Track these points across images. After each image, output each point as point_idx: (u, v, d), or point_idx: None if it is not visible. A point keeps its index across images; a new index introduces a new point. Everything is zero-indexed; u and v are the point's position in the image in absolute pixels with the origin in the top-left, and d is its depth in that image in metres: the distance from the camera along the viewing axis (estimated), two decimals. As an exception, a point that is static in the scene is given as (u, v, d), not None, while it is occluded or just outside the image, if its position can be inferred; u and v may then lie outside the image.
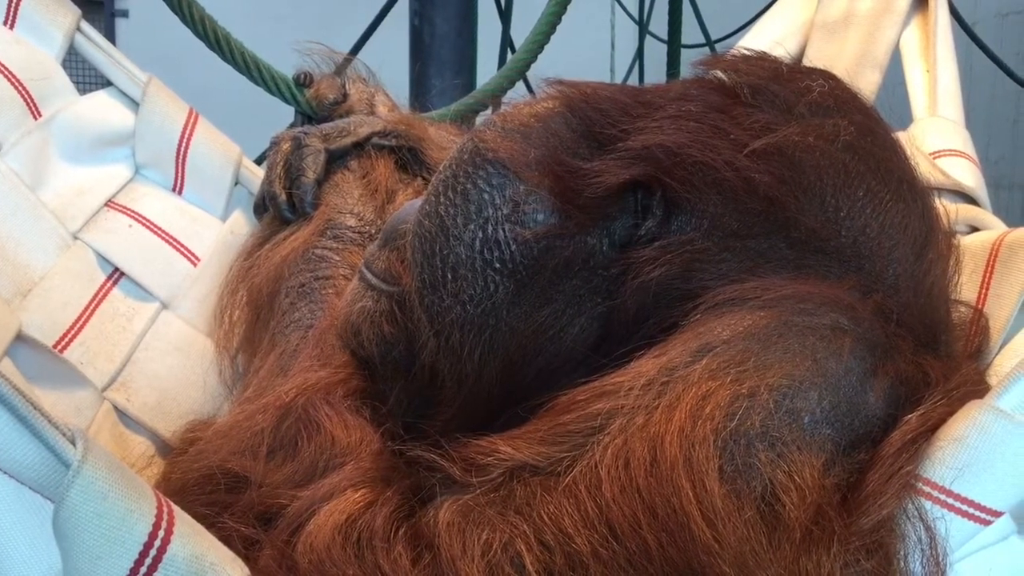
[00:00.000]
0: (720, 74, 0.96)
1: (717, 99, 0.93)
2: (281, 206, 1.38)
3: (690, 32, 4.17)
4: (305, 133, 1.40)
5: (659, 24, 4.26)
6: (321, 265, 1.27)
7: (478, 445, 0.82)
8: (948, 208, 1.09)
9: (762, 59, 0.98)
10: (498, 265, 0.92)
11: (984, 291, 1.09)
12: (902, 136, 1.13)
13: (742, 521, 0.72)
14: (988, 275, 1.09)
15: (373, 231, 1.32)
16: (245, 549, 0.83)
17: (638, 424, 0.77)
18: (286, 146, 1.40)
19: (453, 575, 0.74)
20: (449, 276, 0.93)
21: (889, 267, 0.90)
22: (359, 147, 1.43)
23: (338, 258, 1.28)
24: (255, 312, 1.31)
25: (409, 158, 1.47)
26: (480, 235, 0.92)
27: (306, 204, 1.36)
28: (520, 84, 2.14)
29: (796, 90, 0.93)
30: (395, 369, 1.03)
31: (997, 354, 1.03)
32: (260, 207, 1.46)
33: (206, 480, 0.95)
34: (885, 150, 0.94)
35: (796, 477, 0.74)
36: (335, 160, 1.42)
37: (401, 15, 3.14)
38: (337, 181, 1.39)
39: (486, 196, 0.93)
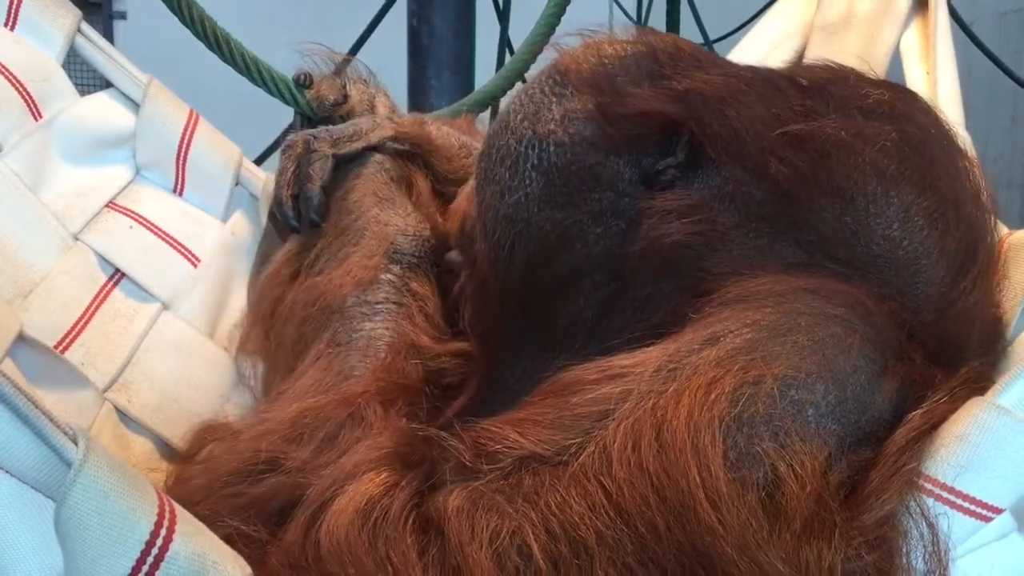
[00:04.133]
0: (789, 68, 1.02)
1: (779, 80, 0.98)
2: (288, 214, 1.35)
3: (688, 32, 4.17)
4: (315, 137, 1.38)
5: (657, 24, 4.27)
6: (390, 290, 1.26)
7: (488, 431, 0.84)
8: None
9: (834, 66, 1.02)
10: (536, 161, 1.01)
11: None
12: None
13: (745, 507, 0.73)
14: (992, 277, 1.09)
15: (433, 254, 1.31)
16: (266, 538, 0.84)
17: (647, 408, 0.78)
18: (298, 150, 1.38)
19: (461, 560, 0.76)
20: (497, 167, 1.04)
21: (916, 286, 0.90)
22: (371, 150, 1.42)
23: (403, 284, 1.27)
24: (302, 325, 1.29)
25: (421, 164, 1.46)
26: (529, 133, 1.02)
27: (312, 211, 1.33)
28: (519, 85, 2.13)
29: (854, 94, 0.96)
30: (472, 262, 1.14)
31: (1001, 355, 1.03)
32: (275, 213, 1.43)
33: (249, 465, 0.97)
34: (935, 167, 0.94)
35: (796, 467, 0.75)
36: (345, 164, 1.40)
37: (399, 16, 3.14)
38: (386, 194, 1.36)
39: (545, 101, 1.03)
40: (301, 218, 1.35)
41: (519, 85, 2.07)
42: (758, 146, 0.92)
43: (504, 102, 1.89)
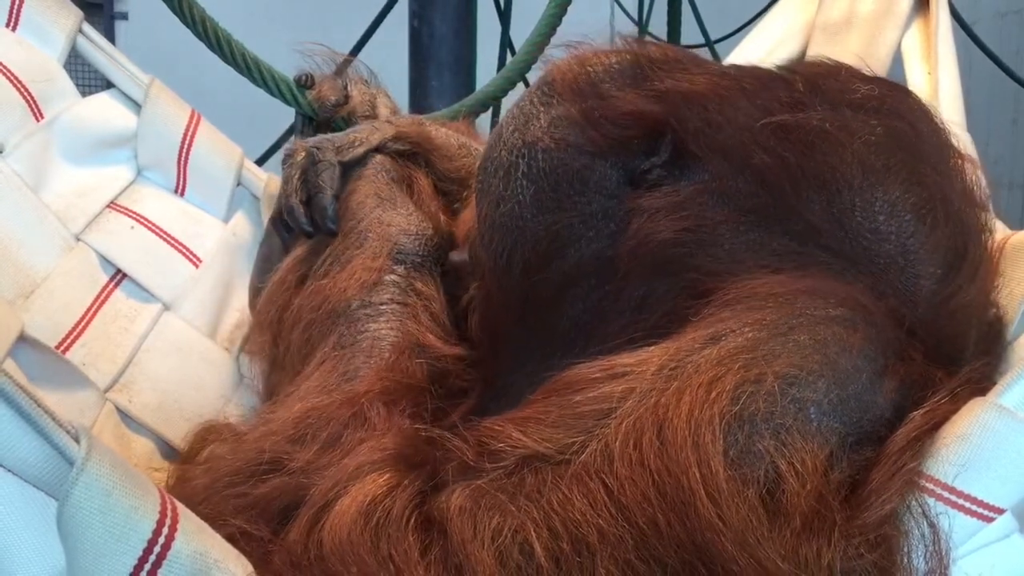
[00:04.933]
0: (782, 65, 1.03)
1: (766, 75, 0.99)
2: (301, 221, 1.35)
3: (689, 32, 4.17)
4: (318, 148, 1.38)
5: (658, 25, 4.26)
6: (394, 291, 1.26)
7: (491, 429, 0.84)
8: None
9: (828, 62, 1.03)
10: (525, 169, 1.03)
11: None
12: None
13: (745, 503, 0.74)
14: (993, 278, 1.09)
15: (436, 253, 1.32)
16: (268, 537, 0.84)
17: (648, 406, 0.78)
18: (301, 158, 1.38)
19: (463, 558, 0.76)
20: (491, 178, 1.06)
21: (907, 280, 0.90)
22: (372, 152, 1.41)
23: (408, 284, 1.28)
24: (308, 329, 1.29)
25: (421, 164, 1.46)
26: (519, 142, 1.04)
27: (327, 220, 1.33)
28: (520, 86, 2.13)
29: (844, 88, 0.96)
30: (480, 272, 1.17)
31: (1002, 355, 1.02)
32: (279, 221, 1.43)
33: (251, 466, 0.97)
34: (923, 163, 0.94)
35: (797, 465, 0.75)
36: (349, 170, 1.40)
37: (400, 16, 3.14)
38: (387, 195, 1.36)
39: (534, 111, 1.06)
40: (315, 224, 1.35)
41: (520, 86, 2.07)
42: (741, 139, 0.93)
43: (505, 103, 1.89)
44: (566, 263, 1.01)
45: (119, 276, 1.45)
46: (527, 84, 2.15)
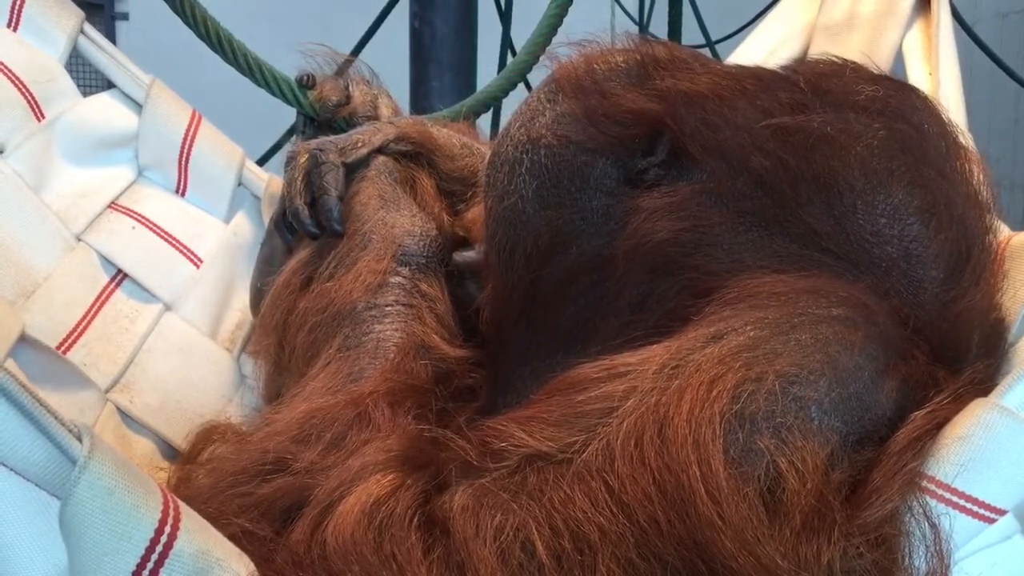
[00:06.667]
0: (787, 65, 1.03)
1: (769, 77, 0.99)
2: (306, 223, 1.33)
3: (690, 33, 4.17)
4: (321, 149, 1.37)
5: (659, 25, 4.27)
6: (399, 292, 1.26)
7: (494, 429, 0.84)
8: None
9: (835, 61, 1.02)
10: (529, 165, 1.05)
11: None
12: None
13: (745, 501, 0.73)
14: (994, 279, 1.08)
15: (440, 254, 1.31)
16: (271, 537, 0.85)
17: (649, 405, 0.79)
18: (303, 160, 1.37)
19: (465, 556, 0.76)
20: (497, 172, 1.09)
21: (910, 284, 0.90)
22: (375, 153, 1.41)
23: (412, 286, 1.27)
24: (313, 331, 1.27)
25: (424, 164, 1.46)
26: (524, 138, 1.07)
27: (333, 222, 1.31)
28: (521, 87, 2.13)
29: (848, 90, 0.96)
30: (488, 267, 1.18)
31: (1004, 357, 1.02)
32: (281, 223, 1.42)
33: (256, 466, 0.97)
34: (925, 166, 0.94)
35: (798, 463, 0.75)
36: (352, 171, 1.40)
37: (401, 17, 3.15)
38: (391, 196, 1.35)
39: (540, 108, 1.07)
40: (320, 226, 1.33)
41: (521, 87, 2.07)
42: (739, 140, 0.93)
43: (506, 103, 1.89)
44: (567, 259, 1.02)
45: (120, 276, 1.45)
46: (528, 85, 2.16)
